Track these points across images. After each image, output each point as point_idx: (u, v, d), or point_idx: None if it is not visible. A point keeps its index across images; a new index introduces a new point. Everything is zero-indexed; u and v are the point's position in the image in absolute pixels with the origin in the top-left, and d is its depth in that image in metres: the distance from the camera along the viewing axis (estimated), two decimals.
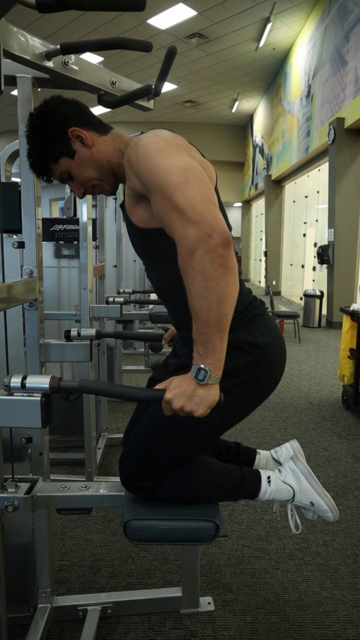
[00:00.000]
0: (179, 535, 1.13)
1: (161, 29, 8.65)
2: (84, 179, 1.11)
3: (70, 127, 1.07)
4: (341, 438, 3.12)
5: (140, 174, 0.96)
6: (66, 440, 2.85)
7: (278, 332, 1.19)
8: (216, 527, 1.12)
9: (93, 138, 1.09)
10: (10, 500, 1.18)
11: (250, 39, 9.22)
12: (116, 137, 1.13)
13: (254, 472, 1.29)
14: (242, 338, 1.09)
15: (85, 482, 1.33)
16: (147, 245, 1.12)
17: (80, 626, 1.48)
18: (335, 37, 7.29)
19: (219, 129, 15.76)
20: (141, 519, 1.13)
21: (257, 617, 1.56)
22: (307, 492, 1.27)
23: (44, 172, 1.12)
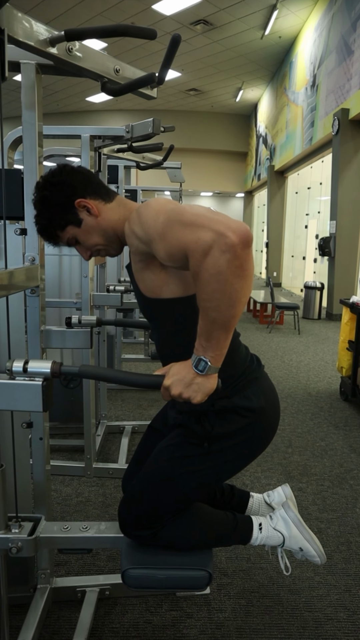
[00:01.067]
0: (175, 583, 1.20)
1: (166, 15, 8.54)
2: (90, 245, 1.14)
3: (77, 197, 1.09)
4: (338, 429, 3.15)
5: (143, 228, 0.98)
6: (66, 427, 2.88)
7: (273, 393, 1.23)
8: (209, 576, 1.18)
9: (99, 207, 1.11)
10: (14, 542, 1.24)
11: (256, 26, 9.10)
12: (121, 204, 1.15)
13: (246, 519, 1.35)
14: (238, 403, 1.14)
15: (85, 522, 1.38)
16: (152, 313, 1.15)
17: (79, 606, 1.52)
18: (342, 26, 7.20)
19: (223, 118, 15.62)
20: (138, 568, 1.18)
21: (251, 600, 1.60)
22: (296, 538, 1.34)
23: (52, 238, 1.14)
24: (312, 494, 2.30)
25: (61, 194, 1.08)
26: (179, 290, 1.05)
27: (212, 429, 1.13)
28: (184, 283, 1.04)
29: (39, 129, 1.34)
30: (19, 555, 1.25)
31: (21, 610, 1.47)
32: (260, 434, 1.19)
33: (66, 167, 1.12)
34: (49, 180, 1.09)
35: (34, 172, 1.34)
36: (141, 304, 1.15)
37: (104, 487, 2.32)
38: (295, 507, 1.39)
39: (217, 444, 1.14)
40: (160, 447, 1.22)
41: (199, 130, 15.05)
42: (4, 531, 1.26)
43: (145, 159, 2.74)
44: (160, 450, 1.21)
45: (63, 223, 1.10)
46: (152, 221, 0.95)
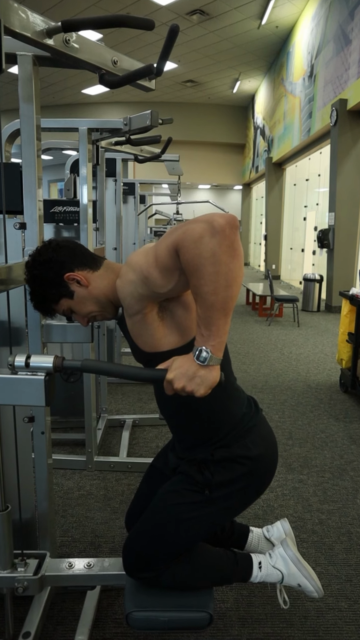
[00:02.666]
0: (177, 624, 1.24)
1: (161, 5, 8.45)
2: (85, 313, 1.17)
3: (66, 272, 1.12)
4: (338, 420, 3.17)
5: (135, 269, 0.99)
6: (67, 421, 2.89)
7: (271, 439, 1.26)
8: (209, 617, 1.21)
9: (88, 277, 1.14)
10: (20, 582, 1.27)
11: (252, 16, 9.02)
12: (108, 269, 1.17)
13: (246, 558, 1.38)
14: (237, 453, 1.17)
15: (89, 559, 1.41)
16: (147, 364, 1.16)
17: (82, 598, 1.53)
18: (340, 15, 7.13)
19: (220, 110, 15.51)
20: (142, 611, 1.22)
21: (253, 591, 1.61)
22: (294, 576, 1.37)
23: (47, 311, 1.18)
24: (312, 486, 2.32)
25: (50, 270, 1.11)
26: (178, 340, 1.08)
27: (212, 477, 1.16)
28: (182, 331, 1.08)
29: (36, 122, 1.33)
30: (25, 595, 1.30)
31: (25, 602, 1.48)
32: (259, 480, 1.23)
33: (51, 244, 1.15)
34: (37, 259, 1.13)
35: (32, 165, 1.33)
36: (141, 360, 1.17)
37: (105, 481, 2.33)
38: (294, 545, 1.43)
39: (217, 491, 1.17)
40: (162, 493, 1.25)
41: (195, 123, 14.95)
42: (10, 570, 1.29)
43: (143, 152, 2.73)
44: (162, 496, 1.24)
45: (56, 297, 1.14)
46: (142, 259, 0.98)
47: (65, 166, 2.98)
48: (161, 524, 1.22)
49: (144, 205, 5.63)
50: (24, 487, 1.45)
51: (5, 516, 1.27)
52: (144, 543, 1.24)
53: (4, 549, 1.29)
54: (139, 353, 1.15)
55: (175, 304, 1.07)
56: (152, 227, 7.86)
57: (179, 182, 4.27)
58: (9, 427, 1.39)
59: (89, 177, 2.09)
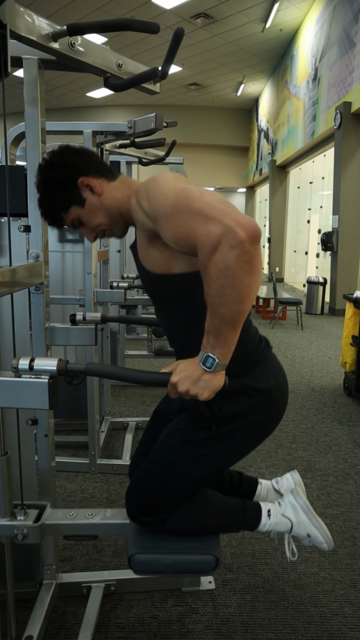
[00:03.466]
0: (182, 568, 1.19)
1: (166, 9, 8.48)
2: (94, 225, 1.12)
3: (80, 176, 1.07)
4: (342, 424, 3.15)
5: (151, 204, 0.96)
6: (70, 423, 2.89)
7: (281, 373, 1.21)
8: (216, 560, 1.17)
9: (102, 185, 1.10)
10: (20, 529, 1.24)
11: (256, 19, 9.03)
12: (124, 183, 1.13)
13: (255, 506, 1.33)
14: (246, 384, 1.11)
15: (91, 509, 1.37)
16: (158, 290, 1.13)
17: (85, 602, 1.52)
18: (344, 18, 7.13)
19: (224, 113, 15.53)
20: (145, 553, 1.17)
21: (256, 596, 1.60)
22: (304, 525, 1.33)
23: (55, 220, 1.13)
24: (316, 490, 2.30)
25: (64, 174, 1.07)
26: (186, 266, 1.03)
27: (220, 410, 1.10)
28: (190, 259, 1.01)
29: (41, 125, 1.34)
30: (25, 542, 1.25)
31: (27, 605, 1.48)
32: (269, 415, 1.17)
33: (68, 148, 1.10)
34: (51, 161, 1.08)
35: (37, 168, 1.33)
36: (147, 282, 1.13)
37: (108, 483, 2.33)
38: (303, 494, 1.38)
39: (225, 426, 1.12)
40: (167, 432, 1.20)
41: (199, 125, 14.97)
42: (9, 518, 1.25)
43: (147, 155, 2.73)
44: (167, 435, 1.19)
45: (67, 204, 1.09)
46: (160, 198, 0.93)
47: None
48: (166, 463, 1.17)
49: None
50: (27, 489, 1.45)
51: (4, 461, 1.23)
52: (149, 484, 1.19)
53: (3, 497, 1.25)
54: (147, 276, 1.10)
55: None
56: None
57: None
58: (12, 430, 1.39)
59: None
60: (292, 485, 1.45)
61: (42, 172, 1.08)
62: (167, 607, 1.54)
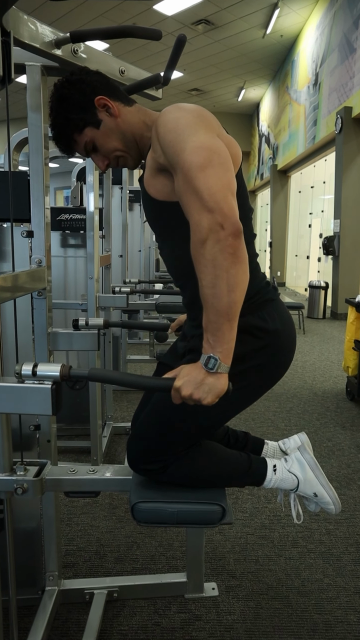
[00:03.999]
0: (186, 517, 1.14)
1: (167, 15, 8.54)
2: (109, 149, 1.10)
3: (97, 95, 1.06)
4: (345, 429, 3.14)
5: (166, 148, 0.94)
6: (72, 428, 2.88)
7: (289, 317, 1.18)
8: (222, 510, 1.13)
9: (119, 108, 1.09)
10: (19, 483, 1.20)
11: (257, 25, 9.09)
12: (141, 110, 1.12)
13: (260, 459, 1.29)
14: (252, 322, 1.08)
15: (93, 466, 1.34)
16: (161, 218, 1.11)
17: (87, 609, 1.51)
18: (344, 24, 7.17)
19: (225, 118, 15.59)
20: (148, 502, 1.14)
21: (260, 603, 1.59)
22: (311, 482, 1.28)
23: (68, 142, 1.11)
24: None
25: (80, 92, 1.05)
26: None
27: None
28: None
29: (44, 131, 1.34)
30: (25, 497, 1.22)
31: (29, 613, 1.47)
32: (275, 360, 1.14)
33: (85, 68, 1.10)
34: (68, 79, 1.06)
35: (39, 174, 1.34)
36: (150, 210, 1.11)
37: None
38: (311, 451, 1.34)
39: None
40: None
41: None
42: (9, 473, 1.23)
43: None
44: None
45: (81, 124, 1.07)
46: (177, 147, 0.91)
47: (72, 174, 3.00)
48: (168, 407, 1.11)
49: None
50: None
51: (3, 416, 1.22)
52: (150, 428, 1.16)
53: (3, 451, 1.23)
54: (152, 204, 1.08)
55: None
56: None
57: None
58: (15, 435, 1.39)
59: (96, 185, 2.10)
60: (300, 444, 1.40)
61: (58, 90, 1.07)
62: (170, 614, 1.53)
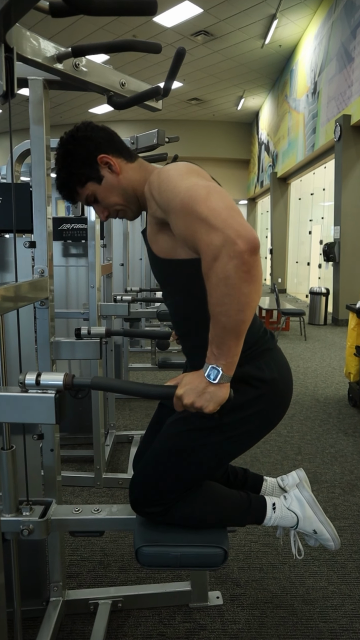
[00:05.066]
0: (189, 561, 1.15)
1: (167, 27, 8.65)
2: (109, 203, 1.14)
3: (100, 153, 1.10)
4: (347, 435, 3.13)
5: (162, 197, 0.97)
6: (75, 437, 2.88)
7: (286, 366, 1.20)
8: (224, 553, 1.14)
9: (121, 165, 1.12)
10: (25, 524, 1.23)
11: (256, 36, 9.19)
12: (142, 166, 1.16)
13: (260, 498, 1.31)
14: (249, 372, 1.11)
15: (97, 505, 1.36)
16: (166, 275, 1.14)
17: (92, 619, 1.50)
18: (342, 34, 7.25)
19: (225, 127, 15.72)
20: (152, 546, 1.15)
21: (265, 611, 1.58)
22: (310, 520, 1.30)
23: (71, 194, 1.15)
24: (323, 502, 2.28)
25: (84, 148, 1.09)
26: (191, 252, 1.01)
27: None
28: None
29: (46, 143, 1.36)
30: (31, 538, 1.24)
31: (34, 624, 1.46)
32: (272, 407, 1.16)
33: (90, 124, 1.13)
34: (74, 134, 1.10)
35: (42, 185, 1.36)
36: (155, 267, 1.13)
37: (113, 498, 2.31)
38: (309, 488, 1.35)
39: (227, 415, 1.08)
40: (170, 421, 1.19)
41: (201, 139, 15.15)
42: (15, 514, 1.25)
43: None
44: (170, 424, 1.18)
45: (84, 179, 1.11)
46: (171, 194, 0.94)
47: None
48: (168, 453, 1.15)
49: None
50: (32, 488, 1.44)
51: (9, 455, 1.23)
52: (152, 474, 1.17)
53: (9, 493, 1.24)
54: (155, 261, 1.11)
55: None
56: None
57: None
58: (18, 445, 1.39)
59: None
60: (298, 481, 1.42)
61: (63, 145, 1.10)
62: (175, 623, 1.53)
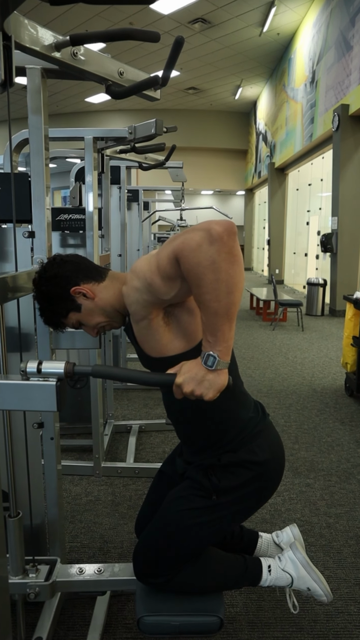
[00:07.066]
0: (188, 629, 1.25)
1: (164, 14, 8.54)
2: (93, 324, 1.19)
3: (71, 286, 1.14)
4: (344, 424, 3.16)
5: (140, 279, 1.02)
6: (73, 427, 2.90)
7: (278, 443, 1.28)
8: (220, 621, 1.23)
9: (93, 289, 1.16)
10: (32, 588, 1.30)
11: (254, 23, 9.09)
12: (114, 279, 1.19)
13: (256, 562, 1.39)
14: (243, 457, 1.19)
15: (100, 564, 1.43)
16: (157, 371, 1.17)
17: (92, 603, 1.54)
18: (341, 22, 7.18)
19: (222, 116, 15.60)
20: (154, 615, 1.24)
21: (262, 595, 1.61)
22: (304, 579, 1.38)
23: (57, 325, 1.21)
24: (320, 490, 2.32)
25: (57, 286, 1.14)
26: (184, 345, 1.10)
27: (219, 482, 1.18)
28: (188, 336, 1.10)
29: (45, 132, 1.36)
30: (37, 600, 1.31)
31: (36, 608, 1.49)
32: (266, 485, 1.24)
33: (56, 259, 1.17)
34: (43, 276, 1.15)
35: (40, 175, 1.36)
36: (148, 365, 1.19)
37: (112, 486, 2.34)
38: (302, 549, 1.44)
39: (224, 496, 1.19)
40: (170, 499, 1.27)
41: (198, 129, 15.03)
42: (21, 576, 1.31)
43: (147, 160, 2.75)
44: (170, 502, 1.26)
45: (64, 312, 1.16)
46: (146, 266, 1.01)
47: (70, 174, 3.01)
48: (169, 530, 1.23)
49: (148, 212, 5.65)
50: (34, 493, 1.46)
51: (16, 523, 1.29)
52: (153, 549, 1.26)
53: (16, 556, 1.30)
54: (146, 359, 1.17)
55: (180, 310, 1.09)
56: (156, 233, 7.90)
57: (182, 189, 4.30)
58: (19, 434, 1.41)
59: (95, 185, 2.11)
60: (292, 539, 1.53)
61: (37, 288, 1.16)
62: None
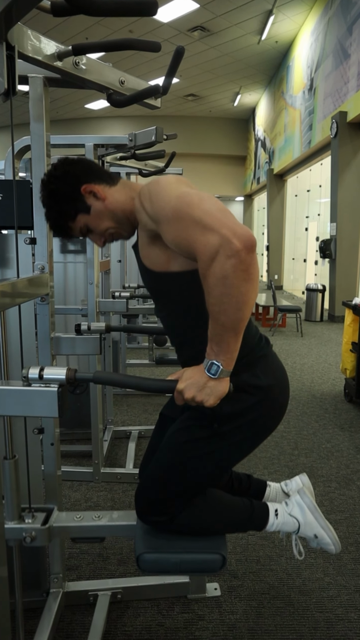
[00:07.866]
0: (189, 567, 1.21)
1: (163, 22, 8.62)
2: (102, 229, 1.16)
3: (82, 184, 1.11)
4: (343, 430, 3.16)
5: (153, 207, 0.99)
6: (73, 432, 2.90)
7: (281, 371, 1.22)
8: (223, 558, 1.19)
9: (105, 190, 1.14)
10: (28, 532, 1.26)
11: (252, 31, 9.17)
12: (126, 186, 1.17)
13: (262, 505, 1.34)
14: (246, 381, 1.12)
15: (98, 512, 1.39)
16: (158, 288, 1.16)
17: (92, 610, 1.53)
18: (338, 30, 7.25)
19: (221, 123, 15.69)
20: (153, 552, 1.19)
21: (262, 602, 1.61)
22: (311, 525, 1.34)
23: (64, 230, 1.17)
24: (319, 496, 2.31)
25: (67, 184, 1.11)
26: (184, 264, 1.05)
27: (221, 408, 1.09)
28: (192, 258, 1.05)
29: (46, 139, 1.37)
30: (33, 545, 1.27)
31: (35, 615, 1.49)
32: (269, 413, 1.18)
33: (67, 160, 1.15)
34: (53, 174, 1.12)
35: None
36: (148, 281, 1.15)
37: (112, 492, 2.34)
38: (311, 495, 1.39)
39: (226, 424, 1.13)
40: (171, 432, 1.22)
41: (197, 136, 15.12)
42: (17, 521, 1.28)
43: (147, 166, 2.77)
44: (171, 436, 1.21)
45: (73, 213, 1.13)
46: (162, 202, 0.96)
47: None
48: (171, 463, 1.18)
49: None
50: (34, 499, 1.46)
51: (12, 465, 1.25)
52: (156, 484, 1.21)
53: (12, 500, 1.27)
54: (147, 274, 1.13)
55: None
56: None
57: None
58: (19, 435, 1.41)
59: None
60: (301, 487, 1.46)
61: (45, 187, 1.12)
62: (173, 614, 1.55)
